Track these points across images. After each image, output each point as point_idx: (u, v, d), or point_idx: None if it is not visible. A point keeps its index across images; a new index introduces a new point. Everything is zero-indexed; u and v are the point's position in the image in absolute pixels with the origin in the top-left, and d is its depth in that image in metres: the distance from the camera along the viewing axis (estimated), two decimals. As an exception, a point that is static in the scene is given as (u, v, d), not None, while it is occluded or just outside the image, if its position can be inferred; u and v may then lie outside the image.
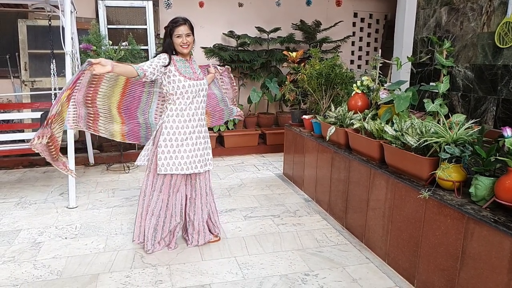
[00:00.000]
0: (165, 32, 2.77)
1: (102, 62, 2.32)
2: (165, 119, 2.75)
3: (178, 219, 2.95)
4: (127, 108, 3.07)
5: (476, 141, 2.30)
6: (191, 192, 2.95)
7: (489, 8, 3.49)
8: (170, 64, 2.69)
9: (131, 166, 5.30)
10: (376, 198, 2.88)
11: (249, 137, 6.08)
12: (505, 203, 1.98)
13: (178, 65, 2.73)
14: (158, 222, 2.89)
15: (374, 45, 7.45)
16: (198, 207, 2.97)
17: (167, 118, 2.75)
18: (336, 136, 3.54)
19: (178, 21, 2.71)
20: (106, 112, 3.01)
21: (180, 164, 2.77)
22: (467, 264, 2.09)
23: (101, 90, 2.87)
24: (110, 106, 2.98)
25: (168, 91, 2.74)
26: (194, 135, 2.81)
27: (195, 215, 2.98)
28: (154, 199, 2.84)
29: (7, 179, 4.76)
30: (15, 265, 2.78)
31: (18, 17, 5.37)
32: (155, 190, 2.83)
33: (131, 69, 2.52)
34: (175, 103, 2.74)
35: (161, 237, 2.94)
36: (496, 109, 3.43)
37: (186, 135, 2.77)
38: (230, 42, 6.47)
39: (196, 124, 2.82)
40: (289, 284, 2.57)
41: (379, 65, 3.54)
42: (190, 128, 2.79)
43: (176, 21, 2.72)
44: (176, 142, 2.75)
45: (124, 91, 2.93)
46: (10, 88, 5.56)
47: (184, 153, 2.77)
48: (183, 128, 2.76)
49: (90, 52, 5.02)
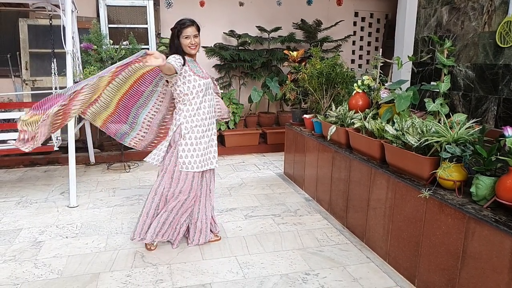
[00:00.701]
0: (172, 33, 2.77)
1: (156, 54, 2.32)
2: (182, 120, 2.77)
3: (187, 217, 2.97)
4: (127, 101, 2.99)
5: (477, 141, 2.29)
6: (199, 190, 2.98)
7: (490, 7, 3.48)
8: (185, 64, 2.71)
9: (131, 165, 5.30)
10: (377, 198, 2.88)
11: (250, 136, 6.08)
12: (506, 202, 1.98)
13: (190, 65, 2.77)
14: (168, 217, 2.88)
15: (375, 45, 7.45)
16: (203, 205, 2.99)
17: (184, 119, 2.77)
18: (336, 135, 3.54)
19: (185, 23, 2.72)
20: (106, 100, 2.90)
21: (201, 161, 2.81)
22: (468, 264, 2.09)
23: (117, 79, 2.80)
24: (114, 96, 2.89)
25: (182, 91, 2.74)
26: (209, 132, 2.89)
27: (199, 212, 2.99)
28: (169, 196, 2.84)
29: (8, 178, 4.77)
30: (15, 264, 2.78)
31: (19, 16, 5.38)
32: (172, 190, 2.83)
33: (171, 66, 2.53)
34: (191, 103, 2.77)
35: (165, 231, 2.94)
36: (497, 108, 3.43)
37: (203, 132, 2.82)
38: (231, 42, 6.47)
39: (211, 121, 2.90)
40: (290, 283, 2.57)
41: (380, 65, 3.53)
42: (206, 125, 2.85)
43: (183, 22, 2.73)
44: (196, 140, 2.79)
45: (132, 85, 2.88)
46: (11, 88, 5.57)
47: (202, 151, 2.82)
48: (200, 126, 2.80)
49: (90, 52, 5.02)
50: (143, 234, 2.91)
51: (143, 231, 2.91)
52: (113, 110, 2.98)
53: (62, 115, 2.51)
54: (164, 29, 6.11)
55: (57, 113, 2.40)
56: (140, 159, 5.58)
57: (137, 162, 5.47)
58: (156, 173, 4.96)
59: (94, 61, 5.02)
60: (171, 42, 2.78)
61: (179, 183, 2.81)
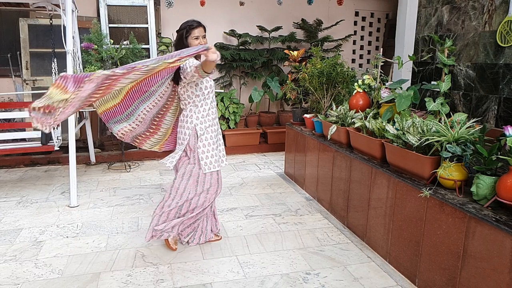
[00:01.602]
0: (180, 35, 2.75)
1: (214, 49, 2.38)
2: (196, 121, 2.78)
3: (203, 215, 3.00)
4: (133, 94, 2.91)
5: (477, 140, 2.29)
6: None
7: (490, 6, 3.48)
8: None
9: (132, 165, 5.31)
10: (378, 197, 2.88)
11: (251, 136, 6.08)
12: (506, 202, 1.98)
13: None
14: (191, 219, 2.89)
15: (375, 44, 7.44)
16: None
17: (198, 120, 2.78)
18: (337, 135, 3.54)
19: (193, 24, 2.73)
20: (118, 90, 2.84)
21: (216, 160, 2.85)
22: (468, 263, 2.09)
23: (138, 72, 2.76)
24: (126, 87, 2.85)
25: (194, 92, 2.75)
26: (219, 130, 2.95)
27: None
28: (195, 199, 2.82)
29: (8, 178, 4.77)
30: (16, 264, 2.79)
31: (19, 16, 5.38)
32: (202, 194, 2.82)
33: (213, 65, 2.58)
34: (202, 104, 2.79)
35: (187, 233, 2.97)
36: (498, 108, 3.42)
37: (215, 132, 2.86)
38: (231, 41, 6.46)
39: (218, 121, 2.95)
40: (291, 283, 2.57)
41: (380, 64, 3.53)
42: (216, 125, 2.90)
43: (191, 23, 2.74)
44: (211, 140, 2.82)
45: (144, 79, 2.85)
46: (11, 87, 5.58)
47: (216, 150, 2.87)
48: (212, 126, 2.84)
49: (91, 51, 5.02)
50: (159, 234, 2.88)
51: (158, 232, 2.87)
52: (119, 101, 2.92)
53: (103, 90, 2.42)
54: (164, 29, 6.11)
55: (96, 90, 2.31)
56: (141, 159, 5.59)
57: (138, 162, 5.47)
58: (156, 173, 4.96)
59: (94, 60, 5.02)
60: (178, 43, 2.76)
61: (205, 184, 2.82)
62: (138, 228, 3.35)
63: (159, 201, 2.88)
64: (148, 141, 3.13)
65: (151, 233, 2.85)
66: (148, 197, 4.10)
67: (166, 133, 3.14)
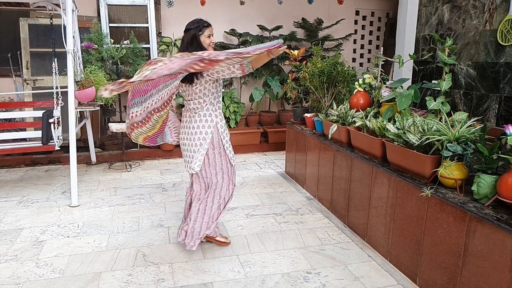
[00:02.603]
0: (192, 33, 2.70)
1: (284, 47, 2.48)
2: (216, 119, 2.79)
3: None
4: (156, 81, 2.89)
5: (478, 139, 2.29)
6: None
7: (491, 5, 3.47)
8: None
9: (133, 164, 5.31)
10: (378, 196, 2.87)
11: (251, 135, 6.08)
12: (507, 201, 1.98)
13: None
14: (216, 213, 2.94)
15: (376, 43, 7.44)
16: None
17: (216, 118, 2.80)
18: (338, 134, 3.54)
19: (206, 23, 2.73)
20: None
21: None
22: (469, 262, 2.09)
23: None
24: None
25: (211, 90, 2.74)
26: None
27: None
28: (228, 194, 2.93)
29: (9, 177, 4.77)
30: (17, 263, 2.79)
31: (19, 15, 5.38)
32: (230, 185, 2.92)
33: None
34: (217, 102, 2.82)
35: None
36: (499, 107, 3.42)
37: (226, 126, 2.91)
38: (232, 40, 6.46)
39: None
40: (291, 282, 2.57)
41: (381, 63, 3.53)
42: (224, 120, 2.95)
43: (204, 22, 2.73)
44: (228, 135, 2.90)
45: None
46: (11, 87, 5.58)
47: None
48: (223, 120, 2.87)
49: (91, 51, 5.03)
50: (196, 236, 2.88)
51: (208, 230, 2.91)
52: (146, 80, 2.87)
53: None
54: (164, 28, 6.11)
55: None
56: (141, 158, 5.59)
57: (138, 162, 5.48)
58: (157, 173, 4.97)
59: (95, 60, 5.03)
60: (189, 41, 2.70)
61: (234, 176, 2.94)
62: (139, 228, 3.36)
63: (194, 211, 2.82)
64: (136, 131, 3.05)
65: (199, 240, 2.87)
66: (149, 197, 4.10)
67: (152, 129, 3.08)
